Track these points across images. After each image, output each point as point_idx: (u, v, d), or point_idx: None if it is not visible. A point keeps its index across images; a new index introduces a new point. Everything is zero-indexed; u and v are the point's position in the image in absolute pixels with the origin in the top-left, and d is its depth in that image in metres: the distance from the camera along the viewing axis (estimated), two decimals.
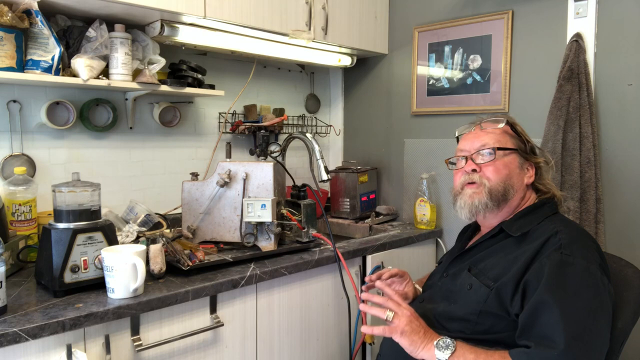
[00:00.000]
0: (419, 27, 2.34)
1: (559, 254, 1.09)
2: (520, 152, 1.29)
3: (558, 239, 1.12)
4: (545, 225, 1.19)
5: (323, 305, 1.75)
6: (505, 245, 1.22)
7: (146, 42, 1.79)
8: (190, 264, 1.43)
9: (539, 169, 1.31)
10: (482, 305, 1.15)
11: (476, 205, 1.26)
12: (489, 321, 1.14)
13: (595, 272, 1.08)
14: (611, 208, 1.80)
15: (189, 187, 1.70)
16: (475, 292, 1.17)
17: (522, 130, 1.34)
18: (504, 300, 1.12)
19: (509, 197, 1.26)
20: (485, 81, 2.12)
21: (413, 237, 2.09)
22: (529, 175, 1.29)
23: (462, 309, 1.19)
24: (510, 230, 1.23)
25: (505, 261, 1.17)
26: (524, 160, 1.29)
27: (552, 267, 1.07)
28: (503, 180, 1.25)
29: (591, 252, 1.12)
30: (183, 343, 1.37)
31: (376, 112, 2.57)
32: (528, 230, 1.20)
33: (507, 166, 1.27)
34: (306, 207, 1.74)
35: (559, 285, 1.05)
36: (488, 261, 1.22)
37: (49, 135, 1.76)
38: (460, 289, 1.23)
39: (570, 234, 1.14)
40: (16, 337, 1.05)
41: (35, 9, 1.49)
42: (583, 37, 1.82)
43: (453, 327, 1.19)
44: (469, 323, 1.16)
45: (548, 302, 1.03)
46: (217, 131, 2.24)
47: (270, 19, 1.94)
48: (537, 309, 1.04)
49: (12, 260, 1.44)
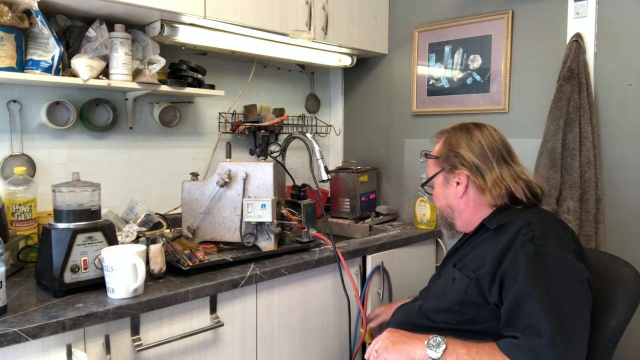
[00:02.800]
0: (419, 27, 2.34)
1: (532, 244, 1.11)
2: (445, 171, 1.35)
3: (530, 229, 1.15)
4: (521, 216, 1.22)
5: (323, 305, 1.75)
6: (485, 238, 1.27)
7: (146, 42, 1.79)
8: (190, 264, 1.43)
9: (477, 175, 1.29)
10: (462, 294, 1.18)
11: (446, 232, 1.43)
12: (471, 310, 1.17)
13: (570, 259, 1.10)
14: (611, 208, 1.80)
15: (189, 187, 1.70)
16: (457, 283, 1.22)
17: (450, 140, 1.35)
18: (483, 289, 1.15)
19: (454, 216, 1.36)
20: (485, 81, 2.12)
21: (413, 237, 2.09)
22: (459, 189, 1.32)
23: (446, 300, 1.23)
24: (489, 224, 1.27)
25: (483, 252, 1.22)
26: (448, 176, 1.34)
27: (528, 258, 1.10)
28: (440, 206, 1.39)
29: (565, 240, 1.15)
30: (183, 343, 1.37)
31: (376, 112, 2.56)
32: (505, 222, 1.23)
33: (437, 191, 1.38)
34: (306, 207, 1.74)
35: (537, 275, 1.07)
36: (470, 255, 1.27)
37: (49, 135, 1.76)
38: (445, 283, 1.28)
39: (542, 224, 1.17)
40: (16, 337, 1.05)
41: (35, 9, 1.49)
42: (583, 37, 1.82)
43: (439, 319, 1.23)
44: (453, 313, 1.20)
45: (528, 293, 1.05)
46: (217, 131, 2.24)
47: (270, 19, 1.94)
48: (519, 300, 1.06)
49: (12, 260, 1.44)
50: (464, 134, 1.33)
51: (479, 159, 1.28)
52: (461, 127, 1.36)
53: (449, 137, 1.35)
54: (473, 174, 1.28)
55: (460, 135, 1.33)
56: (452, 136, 1.35)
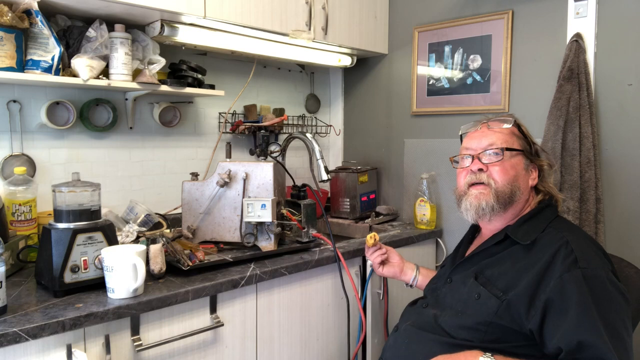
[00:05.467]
0: (419, 27, 2.34)
1: (577, 269, 1.07)
2: (525, 154, 1.28)
3: (570, 250, 1.10)
4: (551, 233, 1.17)
5: (323, 305, 1.75)
6: (513, 253, 1.19)
7: (146, 42, 1.79)
8: (190, 264, 1.43)
9: (542, 172, 1.30)
10: (492, 317, 1.12)
11: (483, 207, 1.23)
12: (499, 332, 1.12)
13: (613, 280, 1.09)
14: (611, 208, 1.80)
15: (189, 187, 1.70)
16: (485, 302, 1.15)
17: (527, 132, 1.33)
18: (517, 314, 1.10)
19: (515, 199, 1.24)
20: (485, 81, 2.12)
21: (413, 237, 2.09)
22: (533, 177, 1.28)
23: (470, 318, 1.16)
24: (516, 237, 1.20)
25: (514, 271, 1.15)
26: (529, 162, 1.28)
27: (577, 285, 1.05)
28: (510, 182, 1.23)
29: (602, 258, 1.13)
30: (183, 343, 1.37)
31: (376, 112, 2.57)
32: (535, 237, 1.17)
33: (514, 167, 1.24)
34: (306, 207, 1.74)
35: (591, 302, 1.03)
36: (495, 269, 1.19)
37: (49, 135, 1.76)
38: (468, 297, 1.19)
39: (579, 242, 1.13)
40: (16, 337, 1.05)
41: (35, 9, 1.49)
42: (583, 37, 1.82)
43: (461, 336, 1.16)
44: (477, 332, 1.14)
45: (586, 324, 1.01)
46: (217, 131, 2.24)
47: (270, 19, 1.94)
48: (578, 331, 1.02)
49: (12, 260, 1.44)
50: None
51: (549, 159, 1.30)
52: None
53: (522, 125, 1.32)
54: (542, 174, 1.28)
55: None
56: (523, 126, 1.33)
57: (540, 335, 1.07)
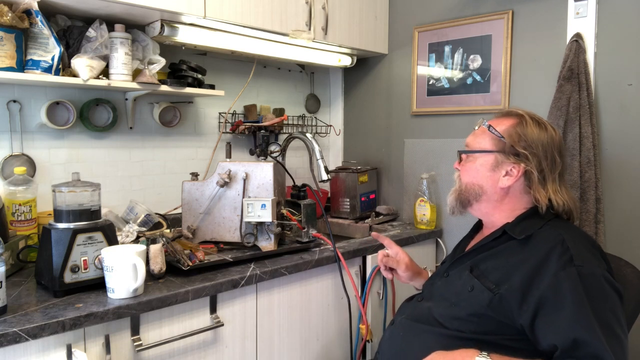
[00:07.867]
0: (419, 27, 2.34)
1: (573, 267, 1.06)
2: (500, 154, 1.23)
3: (565, 247, 1.10)
4: (548, 230, 1.16)
5: (323, 305, 1.75)
6: (508, 247, 1.20)
7: (146, 42, 1.79)
8: (190, 264, 1.43)
9: (530, 175, 1.22)
10: (484, 309, 1.13)
11: (452, 205, 1.33)
12: (491, 324, 1.13)
13: (609, 278, 1.08)
14: (611, 208, 1.80)
15: (189, 187, 1.70)
16: (478, 295, 1.16)
17: (512, 133, 1.24)
18: (509, 309, 1.10)
19: (477, 200, 1.27)
20: (485, 81, 2.12)
21: (413, 237, 2.09)
22: (507, 177, 1.23)
23: (463, 310, 1.17)
24: (513, 233, 1.20)
25: (507, 265, 1.15)
26: (503, 162, 1.23)
27: (573, 283, 1.05)
28: (469, 182, 1.28)
29: (597, 256, 1.12)
30: (183, 343, 1.37)
31: (376, 112, 2.57)
32: (531, 233, 1.17)
33: (477, 168, 1.26)
34: (306, 207, 1.74)
35: (586, 300, 1.03)
36: (490, 263, 1.20)
37: (49, 135, 1.76)
38: (461, 290, 1.21)
39: (575, 240, 1.12)
40: (16, 337, 1.05)
41: (35, 9, 1.49)
42: (583, 37, 1.82)
43: (454, 326, 1.18)
44: (470, 323, 1.15)
45: (582, 322, 1.02)
46: (217, 131, 2.24)
47: (270, 19, 1.94)
48: (574, 329, 1.02)
49: (12, 260, 1.44)
50: (542, 130, 1.23)
51: (549, 163, 1.21)
52: (539, 121, 1.25)
53: (523, 124, 1.24)
54: (536, 174, 1.20)
55: (539, 129, 1.23)
56: (528, 125, 1.23)
57: (532, 332, 1.08)
